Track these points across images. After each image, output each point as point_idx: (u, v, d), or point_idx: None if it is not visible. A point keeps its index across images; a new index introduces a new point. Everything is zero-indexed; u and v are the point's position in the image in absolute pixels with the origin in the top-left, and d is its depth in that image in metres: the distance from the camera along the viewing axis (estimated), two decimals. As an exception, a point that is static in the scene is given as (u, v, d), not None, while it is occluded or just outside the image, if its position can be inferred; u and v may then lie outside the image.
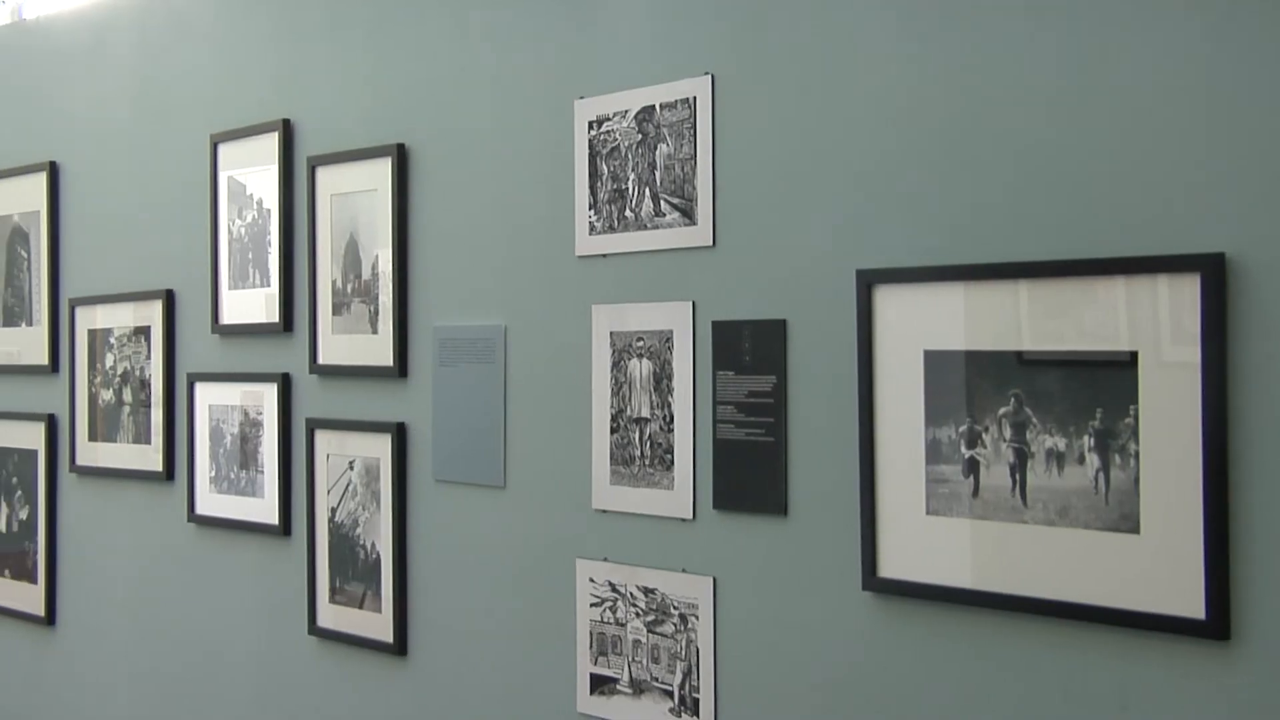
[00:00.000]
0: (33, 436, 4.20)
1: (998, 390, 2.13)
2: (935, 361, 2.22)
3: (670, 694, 2.58)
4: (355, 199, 3.19)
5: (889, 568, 2.27)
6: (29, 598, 4.20)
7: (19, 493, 4.26)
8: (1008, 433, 2.12)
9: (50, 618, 4.15)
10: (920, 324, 2.24)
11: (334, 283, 3.23)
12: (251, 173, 3.48)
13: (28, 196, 4.22)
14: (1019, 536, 2.11)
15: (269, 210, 3.42)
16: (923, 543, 2.22)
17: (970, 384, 2.17)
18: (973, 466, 2.17)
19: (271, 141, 3.41)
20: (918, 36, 2.26)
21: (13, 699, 4.30)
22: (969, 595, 2.17)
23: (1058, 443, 2.06)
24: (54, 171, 4.14)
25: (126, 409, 3.87)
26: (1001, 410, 2.13)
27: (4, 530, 4.31)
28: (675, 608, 2.57)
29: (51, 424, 4.15)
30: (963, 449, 2.18)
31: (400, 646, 3.08)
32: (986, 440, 2.15)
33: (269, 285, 3.42)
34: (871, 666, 2.30)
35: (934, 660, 2.23)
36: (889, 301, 2.28)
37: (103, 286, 3.97)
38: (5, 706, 4.33)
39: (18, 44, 4.39)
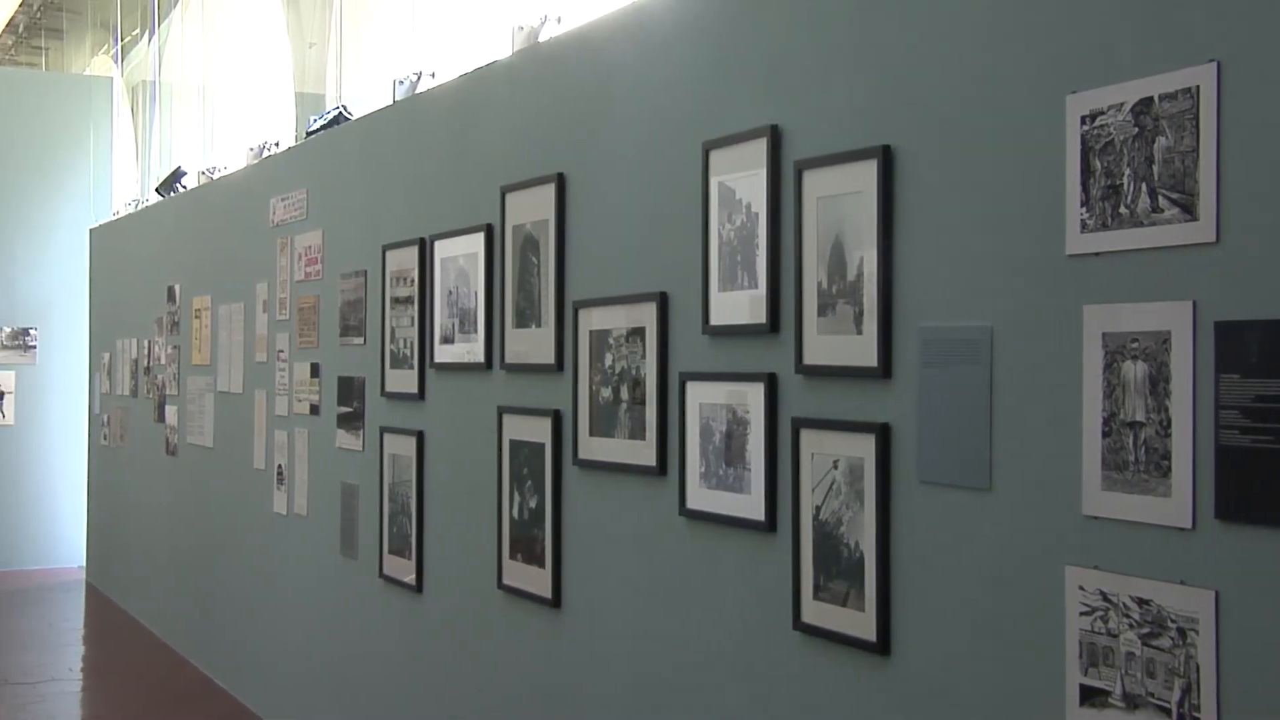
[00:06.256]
0: (541, 430, 4.50)
1: None
2: None
3: (1168, 711, 2.46)
4: (841, 201, 3.23)
5: None
6: (538, 581, 4.51)
7: (529, 483, 4.58)
8: None
9: (557, 600, 4.43)
10: None
11: (819, 284, 3.29)
12: (740, 178, 3.59)
13: (538, 206, 4.54)
14: None
15: (757, 214, 3.52)
16: None
17: None
18: None
19: (760, 147, 3.51)
20: None
21: (524, 674, 4.64)
22: None
23: None
24: (561, 182, 4.43)
25: (623, 406, 4.08)
26: None
27: (516, 517, 4.65)
28: (1173, 621, 2.45)
29: (557, 419, 4.43)
30: None
31: (883, 646, 3.10)
32: None
33: (756, 287, 3.52)
34: (1399, 697, 2.11)
35: None
36: None
37: (602, 289, 4.22)
38: (518, 680, 4.68)
39: (533, 66, 4.74)
